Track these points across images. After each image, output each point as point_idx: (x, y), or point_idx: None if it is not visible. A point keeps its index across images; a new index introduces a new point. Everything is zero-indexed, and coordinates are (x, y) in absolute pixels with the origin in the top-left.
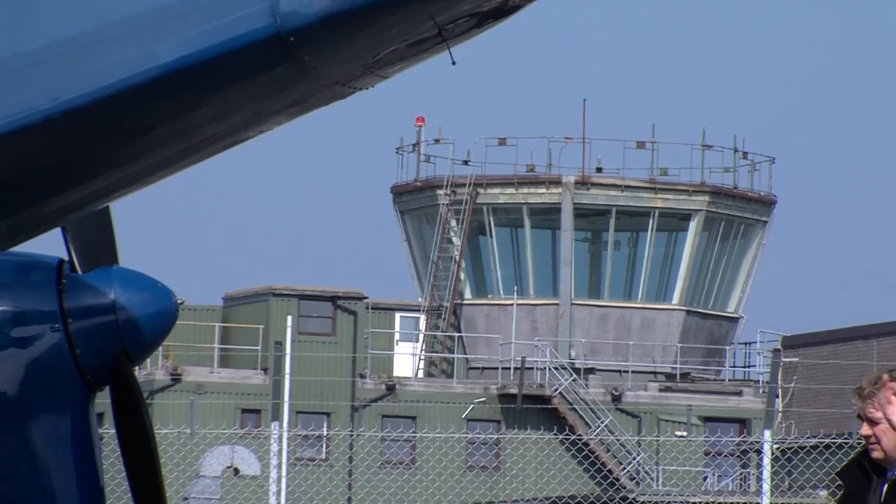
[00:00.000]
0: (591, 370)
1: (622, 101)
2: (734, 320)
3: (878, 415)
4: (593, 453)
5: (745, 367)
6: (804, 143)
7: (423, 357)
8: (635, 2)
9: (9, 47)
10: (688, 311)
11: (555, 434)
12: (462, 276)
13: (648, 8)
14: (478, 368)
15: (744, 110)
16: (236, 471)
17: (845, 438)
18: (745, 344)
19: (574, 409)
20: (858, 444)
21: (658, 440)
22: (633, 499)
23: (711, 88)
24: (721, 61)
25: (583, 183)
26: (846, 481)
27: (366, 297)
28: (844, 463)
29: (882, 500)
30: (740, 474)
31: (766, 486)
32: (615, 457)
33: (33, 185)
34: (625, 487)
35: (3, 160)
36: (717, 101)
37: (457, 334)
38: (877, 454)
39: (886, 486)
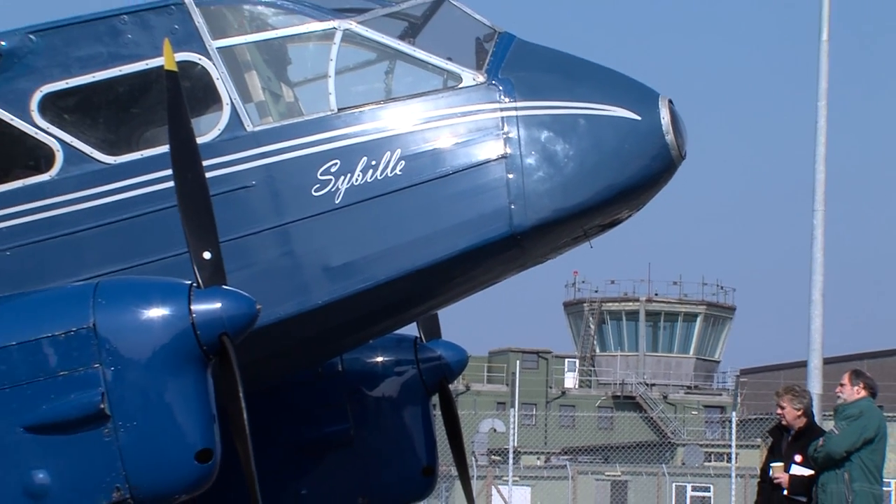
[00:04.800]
0: (653, 384)
1: (669, 261)
2: (717, 362)
3: (785, 404)
4: (654, 422)
5: (723, 383)
6: (751, 280)
7: (577, 378)
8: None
9: (392, 240)
10: (696, 358)
11: (637, 413)
12: (594, 342)
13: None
14: (602, 384)
15: (723, 267)
16: (494, 430)
17: (770, 415)
18: (724, 372)
19: (646, 402)
20: (776, 418)
21: (684, 416)
22: (673, 442)
23: (708, 257)
24: (712, 241)
25: (649, 301)
26: (772, 435)
27: (551, 352)
28: (771, 426)
29: (787, 445)
30: (721, 432)
31: (733, 438)
32: (664, 424)
33: (410, 303)
34: (668, 437)
35: (391, 294)
36: (711, 262)
37: (592, 368)
38: (785, 422)
39: (790, 437)
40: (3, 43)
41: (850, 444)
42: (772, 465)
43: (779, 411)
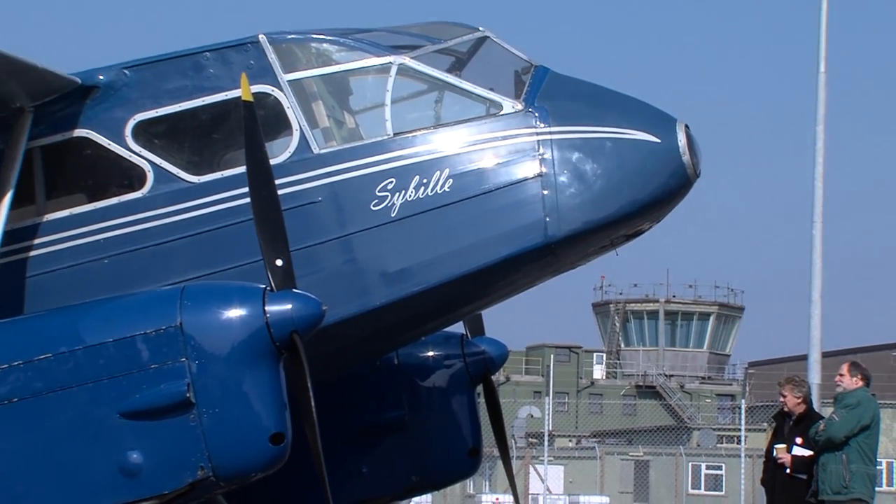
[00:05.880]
0: (672, 375)
1: (685, 267)
2: (728, 356)
3: (786, 393)
4: (672, 409)
5: (733, 374)
6: (758, 283)
7: (604, 370)
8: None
9: (442, 248)
10: (710, 352)
11: (658, 401)
12: (619, 338)
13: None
14: (627, 375)
15: (733, 272)
16: (531, 416)
17: (775, 403)
18: (734, 365)
19: (665, 391)
20: (779, 405)
21: (699, 404)
22: (689, 426)
23: (720, 263)
24: (723, 249)
25: (667, 302)
26: (776, 420)
27: (581, 347)
28: (775, 413)
29: (789, 429)
30: (732, 418)
31: (742, 422)
32: (681, 410)
33: (457, 304)
34: (685, 422)
35: (441, 296)
36: (723, 268)
37: (617, 361)
38: (787, 409)
39: (792, 422)
40: (101, 77)
41: (849, 429)
42: (776, 446)
43: (781, 399)
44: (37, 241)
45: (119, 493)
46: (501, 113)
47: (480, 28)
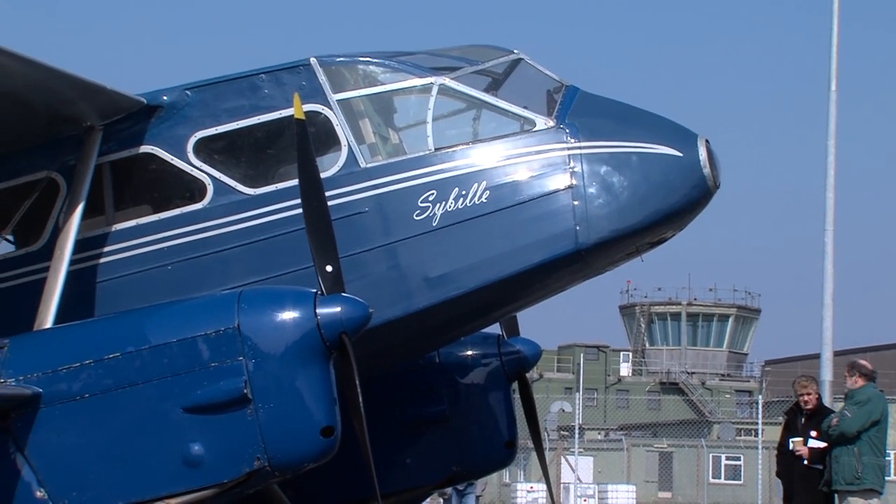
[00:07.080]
0: (693, 373)
1: (706, 271)
2: (746, 354)
3: (811, 391)
4: (694, 404)
5: (751, 371)
6: (774, 286)
7: (631, 368)
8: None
9: (479, 255)
10: (729, 351)
11: (680, 396)
12: (644, 338)
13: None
14: (651, 372)
15: (751, 276)
16: (563, 410)
17: (790, 398)
18: (751, 363)
19: (687, 387)
20: (793, 400)
21: (719, 399)
22: (709, 420)
23: (738, 268)
24: (742, 255)
25: (689, 304)
26: (788, 414)
27: (609, 346)
28: (787, 408)
29: (803, 423)
30: (749, 412)
31: (760, 416)
32: (702, 405)
33: (493, 307)
34: (706, 416)
35: (479, 299)
36: (741, 272)
37: (643, 359)
38: (809, 407)
39: (804, 417)
40: (165, 97)
41: (860, 424)
42: (792, 440)
43: (806, 396)
44: (106, 248)
45: (182, 482)
46: (535, 129)
47: (515, 51)
